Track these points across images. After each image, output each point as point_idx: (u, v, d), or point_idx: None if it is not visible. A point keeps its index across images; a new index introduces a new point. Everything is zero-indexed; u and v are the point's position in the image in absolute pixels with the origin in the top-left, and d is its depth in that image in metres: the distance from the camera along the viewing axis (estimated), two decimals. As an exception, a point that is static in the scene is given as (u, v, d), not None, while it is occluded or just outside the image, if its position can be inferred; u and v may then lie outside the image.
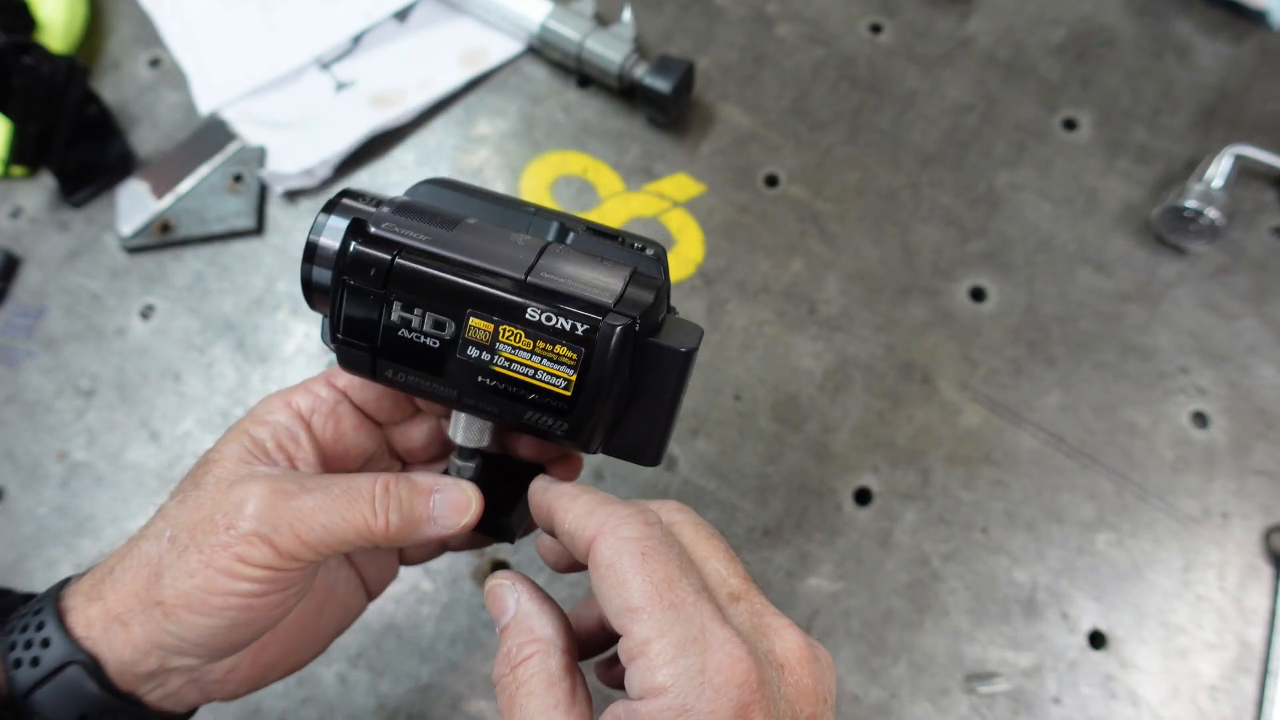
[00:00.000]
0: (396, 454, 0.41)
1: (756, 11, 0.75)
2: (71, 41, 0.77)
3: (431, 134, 0.72)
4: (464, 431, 0.36)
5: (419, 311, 0.32)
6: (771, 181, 0.69)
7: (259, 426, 0.35)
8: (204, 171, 0.71)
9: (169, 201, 0.70)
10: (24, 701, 0.30)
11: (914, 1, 0.75)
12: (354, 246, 0.32)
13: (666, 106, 0.67)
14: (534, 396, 0.32)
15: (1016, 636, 0.56)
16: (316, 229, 0.33)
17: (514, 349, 0.32)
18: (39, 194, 0.73)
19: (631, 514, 0.30)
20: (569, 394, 0.32)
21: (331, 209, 0.34)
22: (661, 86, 0.65)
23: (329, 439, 0.36)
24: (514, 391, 0.32)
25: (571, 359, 0.31)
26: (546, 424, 0.33)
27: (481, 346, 0.32)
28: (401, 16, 0.75)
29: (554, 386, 0.32)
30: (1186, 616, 0.56)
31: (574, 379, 0.31)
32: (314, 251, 0.33)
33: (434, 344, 0.32)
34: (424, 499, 0.33)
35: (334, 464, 0.36)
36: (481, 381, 0.32)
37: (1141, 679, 0.55)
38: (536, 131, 0.71)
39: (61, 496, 0.62)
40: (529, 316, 0.31)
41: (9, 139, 0.68)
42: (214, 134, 0.72)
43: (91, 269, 0.70)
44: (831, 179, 0.69)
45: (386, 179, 0.71)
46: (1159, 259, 0.66)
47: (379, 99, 0.72)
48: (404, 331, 0.32)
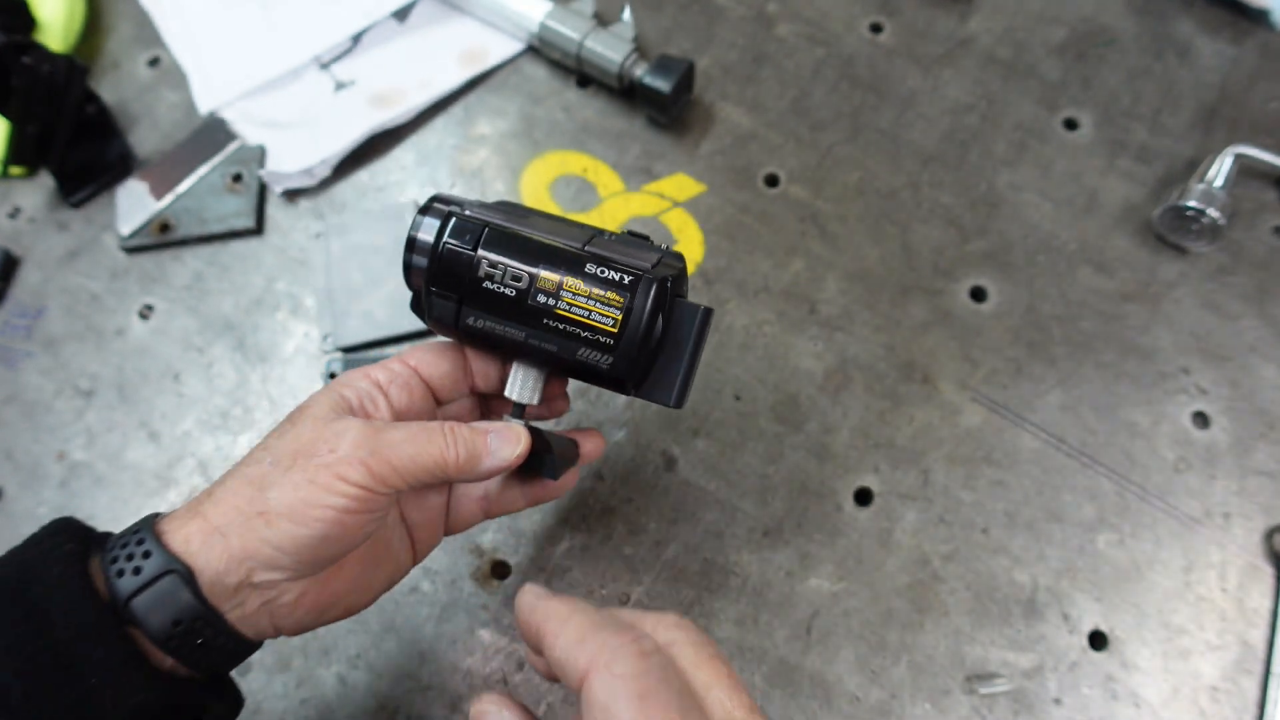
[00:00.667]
0: None
1: (757, 11, 0.75)
2: (71, 41, 0.77)
3: (431, 134, 0.72)
4: (519, 388, 0.44)
5: (501, 267, 0.41)
6: (771, 181, 0.69)
7: (346, 389, 0.40)
8: (203, 171, 0.71)
9: (168, 201, 0.70)
10: (125, 607, 0.34)
11: (914, 1, 0.75)
12: (455, 219, 0.41)
13: (666, 106, 0.67)
14: (587, 335, 0.40)
15: (1017, 637, 0.56)
16: (415, 226, 0.42)
17: (574, 295, 0.40)
18: (38, 194, 0.73)
19: (626, 644, 0.31)
20: (615, 331, 0.40)
21: (426, 211, 0.43)
22: (661, 86, 0.65)
23: (401, 406, 0.42)
24: (572, 331, 0.41)
25: (619, 302, 0.40)
26: (595, 359, 0.41)
27: (549, 294, 0.40)
28: (401, 16, 0.75)
29: (604, 325, 0.40)
30: (1188, 617, 0.56)
31: (620, 319, 0.40)
32: (413, 244, 0.42)
33: (511, 293, 0.41)
34: (482, 437, 0.40)
35: (396, 420, 0.42)
36: (546, 322, 0.41)
37: (1142, 680, 0.55)
38: (536, 131, 0.71)
39: (61, 497, 0.62)
40: (587, 270, 0.40)
41: (8, 139, 0.68)
42: (213, 134, 0.72)
43: (91, 269, 0.70)
44: (832, 179, 0.69)
45: (386, 179, 0.71)
46: (1160, 259, 0.66)
47: (378, 99, 0.72)
48: (488, 283, 0.41)
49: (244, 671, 0.56)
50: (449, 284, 0.41)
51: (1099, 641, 0.56)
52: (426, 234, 0.42)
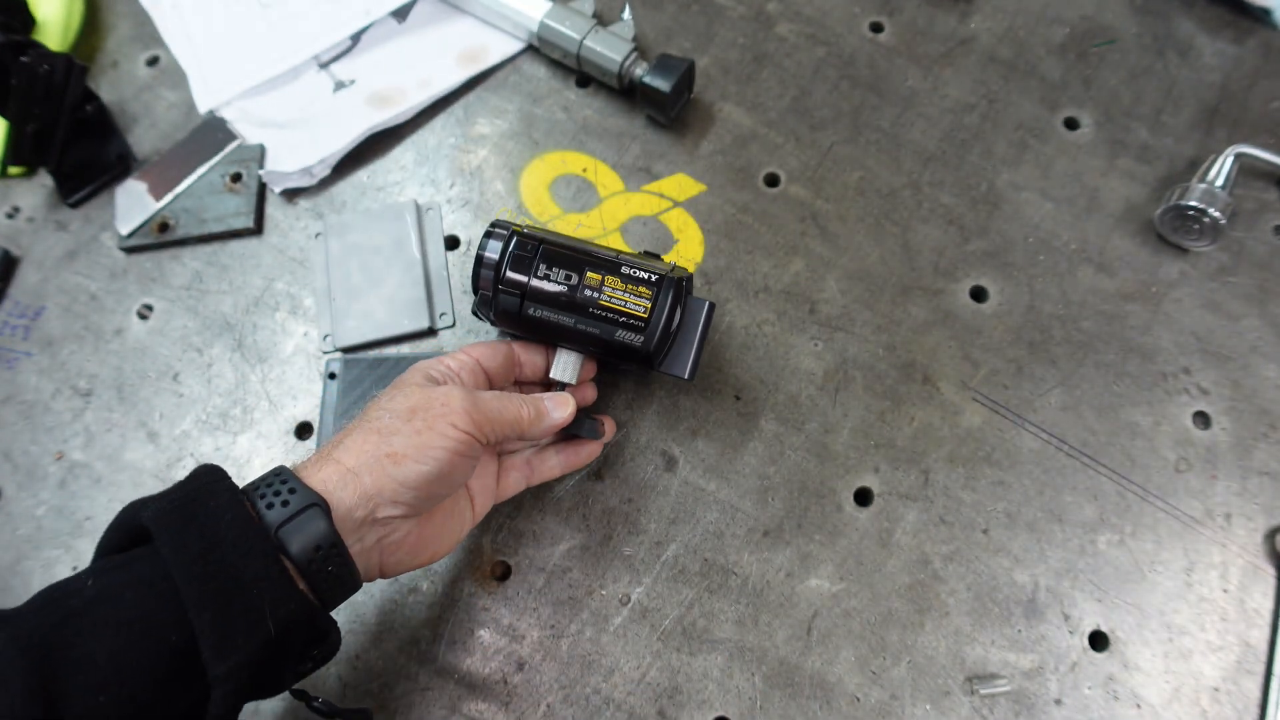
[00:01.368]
0: None
1: (757, 10, 0.75)
2: (69, 40, 0.77)
3: (431, 133, 0.72)
4: (563, 370, 0.55)
5: (556, 270, 0.53)
6: (772, 181, 0.69)
7: (431, 370, 0.50)
8: (202, 171, 0.71)
9: (167, 201, 0.70)
10: (275, 534, 0.40)
11: (915, 0, 0.75)
12: (516, 238, 0.53)
13: (666, 106, 0.66)
14: (624, 319, 0.52)
15: (1018, 638, 0.56)
16: (482, 246, 0.53)
17: (613, 289, 0.52)
18: (37, 193, 0.73)
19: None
20: (645, 316, 0.52)
21: (489, 235, 0.53)
22: (661, 85, 0.65)
23: (467, 383, 0.51)
24: (611, 316, 0.52)
25: (648, 294, 0.52)
26: (629, 338, 0.53)
27: (593, 289, 0.52)
28: (400, 15, 0.75)
29: (636, 312, 0.52)
30: (1189, 618, 0.56)
31: (650, 307, 0.52)
32: (481, 260, 0.53)
33: (564, 288, 0.52)
34: (542, 402, 0.52)
35: None
36: (592, 311, 0.52)
37: (1143, 680, 0.55)
38: (536, 131, 0.71)
39: (59, 497, 0.62)
40: (624, 271, 0.53)
41: (6, 138, 0.68)
42: (212, 133, 0.72)
43: (89, 269, 0.70)
44: (832, 178, 0.68)
45: (386, 178, 0.71)
46: (1161, 258, 0.66)
47: (378, 98, 0.72)
48: (546, 282, 0.53)
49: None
50: (512, 285, 0.53)
51: (1100, 642, 0.56)
52: (492, 254, 0.53)
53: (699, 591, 0.57)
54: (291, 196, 0.70)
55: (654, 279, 0.52)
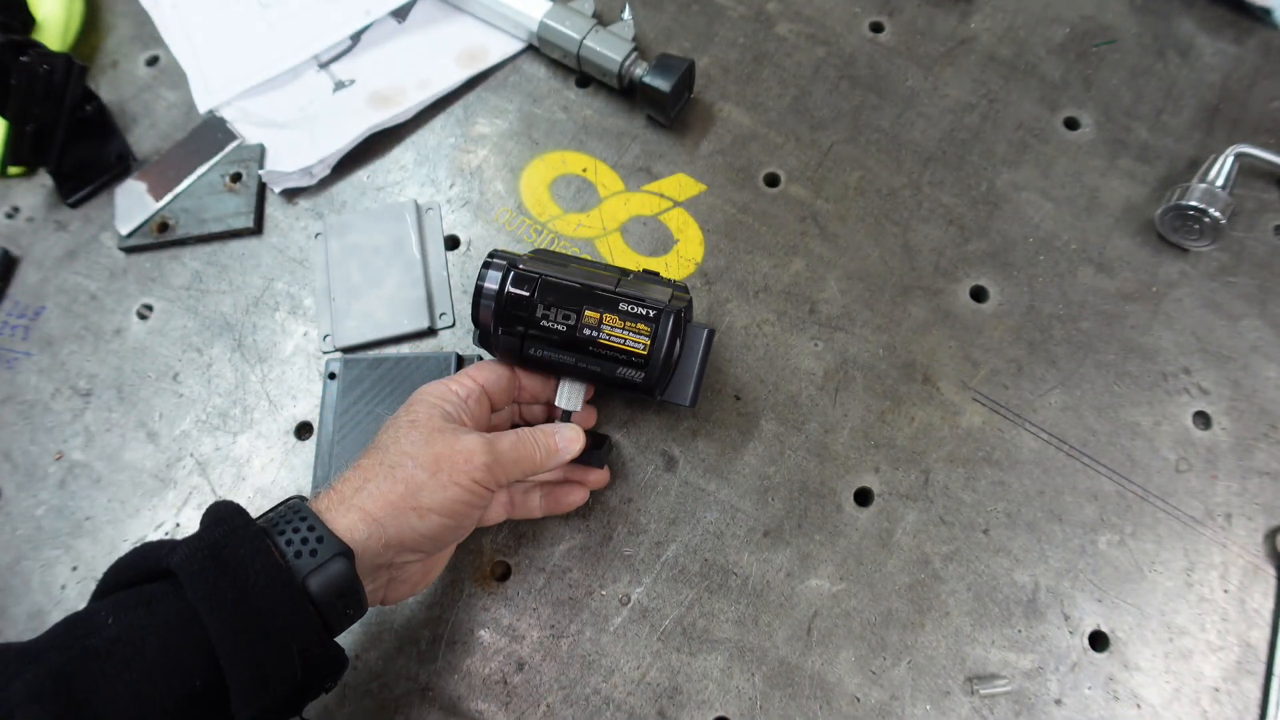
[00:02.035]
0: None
1: (757, 10, 0.75)
2: (69, 40, 0.77)
3: (431, 133, 0.72)
4: (567, 399, 0.55)
5: (554, 309, 0.52)
6: (772, 181, 0.69)
7: (445, 404, 0.50)
8: (202, 171, 0.71)
9: (167, 201, 0.70)
10: (303, 581, 0.41)
11: (915, 0, 0.75)
12: (514, 274, 0.53)
13: (666, 105, 0.66)
14: (623, 356, 0.52)
15: (1018, 638, 0.56)
16: (481, 277, 0.53)
17: (612, 328, 0.52)
18: (36, 193, 0.73)
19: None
20: (644, 353, 0.52)
21: (488, 266, 0.53)
22: (661, 85, 0.65)
23: (478, 415, 0.52)
24: (611, 354, 0.52)
25: (646, 331, 0.52)
26: (630, 375, 0.52)
27: (592, 327, 0.52)
28: (400, 15, 0.75)
29: (636, 349, 0.52)
30: (1189, 618, 0.56)
31: (648, 344, 0.52)
32: (480, 291, 0.53)
33: (563, 328, 0.52)
34: (553, 438, 0.52)
35: (475, 427, 0.52)
36: (591, 350, 0.52)
37: (1144, 680, 0.55)
38: (536, 131, 0.71)
39: (59, 497, 0.62)
40: (621, 308, 0.52)
41: (6, 138, 0.68)
42: (212, 133, 0.72)
43: (89, 269, 0.70)
44: (832, 178, 0.68)
45: (386, 178, 0.70)
46: (1161, 258, 0.66)
47: (378, 98, 0.72)
48: (545, 321, 0.52)
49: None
50: (513, 323, 0.52)
51: (1100, 642, 0.56)
52: (491, 284, 0.53)
53: (699, 591, 0.57)
54: (291, 196, 0.70)
55: (651, 314, 0.52)
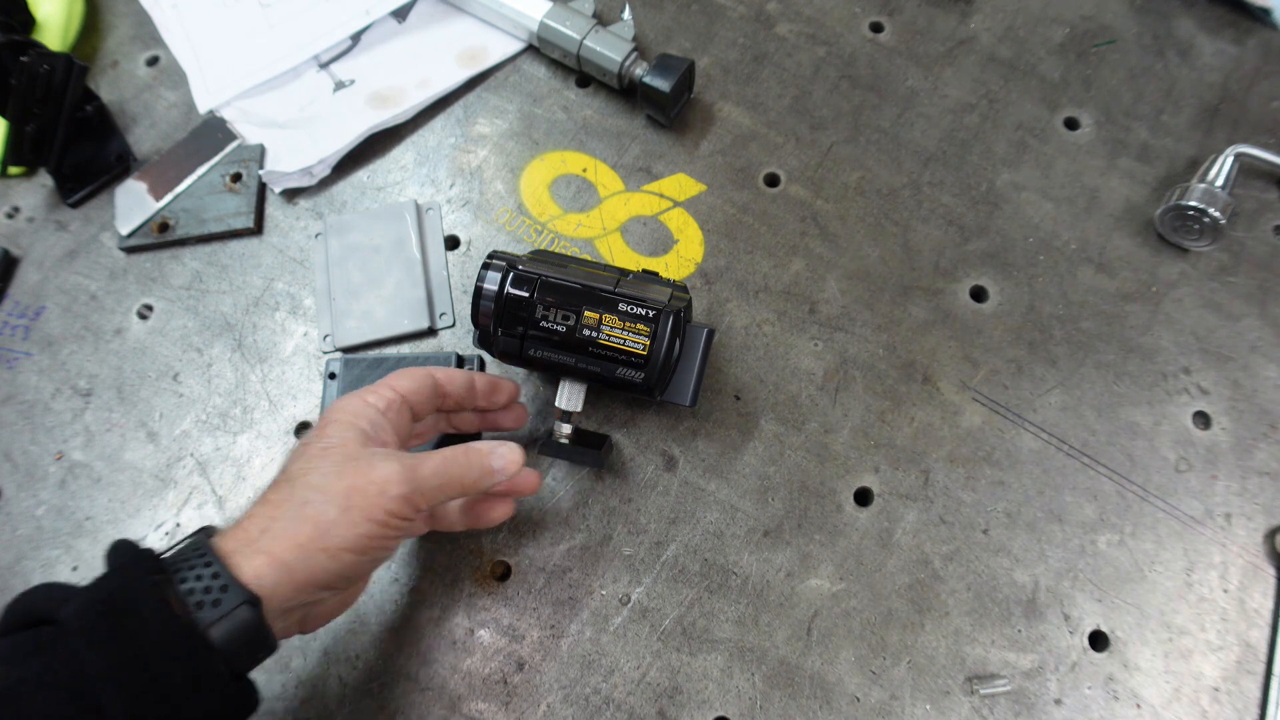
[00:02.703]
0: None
1: (757, 10, 0.75)
2: (69, 40, 0.77)
3: (431, 133, 0.72)
4: (567, 400, 0.55)
5: (554, 310, 0.52)
6: (772, 181, 0.69)
7: (361, 421, 0.46)
8: (202, 171, 0.71)
9: (167, 201, 0.70)
10: (205, 632, 0.38)
11: (915, 0, 0.75)
12: (513, 275, 0.52)
13: (666, 106, 0.66)
14: (623, 357, 0.52)
15: (1018, 638, 0.56)
16: (480, 278, 0.53)
17: (611, 329, 0.52)
18: (36, 193, 0.73)
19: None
20: (644, 354, 0.52)
21: (487, 267, 0.53)
22: (661, 86, 0.65)
23: (399, 428, 0.49)
24: (611, 354, 0.52)
25: (646, 331, 0.52)
26: (630, 375, 0.52)
27: (592, 328, 0.52)
28: (400, 15, 0.75)
29: (635, 349, 0.52)
30: (1189, 618, 0.56)
31: (648, 344, 0.52)
32: (480, 292, 0.53)
33: (562, 329, 0.52)
34: (487, 457, 0.48)
35: (398, 441, 0.49)
36: (591, 350, 0.52)
37: (1143, 680, 0.55)
38: (536, 131, 0.71)
39: (59, 497, 0.62)
40: (620, 308, 0.52)
41: (6, 138, 0.68)
42: (212, 133, 0.72)
43: (89, 269, 0.70)
44: (832, 178, 0.68)
45: (386, 178, 0.70)
46: (1161, 258, 0.66)
47: (378, 98, 0.72)
48: (544, 322, 0.52)
49: (243, 672, 0.56)
50: (513, 324, 0.52)
51: (1100, 642, 0.56)
52: (491, 285, 0.53)
53: (699, 591, 0.57)
54: (291, 196, 0.70)
55: (651, 314, 0.52)
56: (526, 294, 0.52)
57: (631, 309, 0.52)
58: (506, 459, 0.49)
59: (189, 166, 0.71)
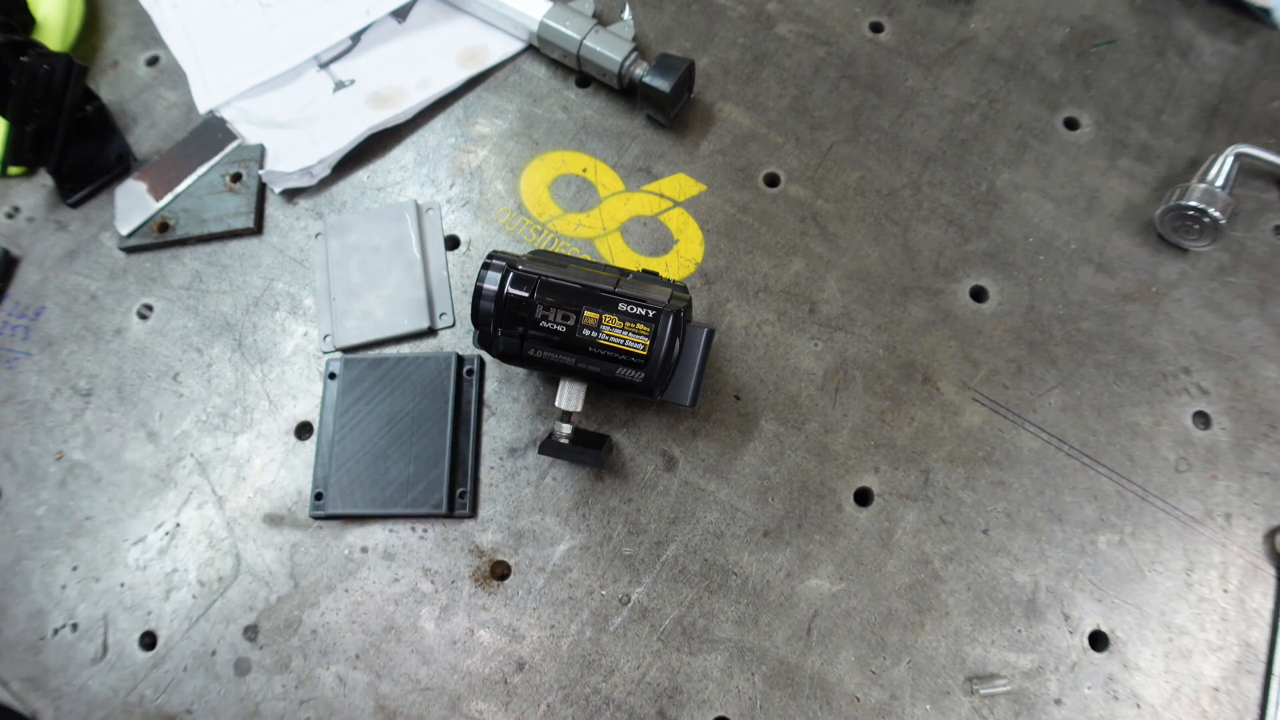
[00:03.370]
0: None
1: (757, 10, 0.75)
2: (69, 40, 0.77)
3: (431, 133, 0.72)
4: (567, 400, 0.55)
5: (554, 310, 0.52)
6: (772, 181, 0.69)
7: None
8: (202, 171, 0.71)
9: (167, 201, 0.70)
10: None
11: (915, 0, 0.75)
12: (513, 275, 0.53)
13: (666, 105, 0.66)
14: (623, 357, 0.52)
15: (1018, 638, 0.56)
16: (480, 278, 0.53)
17: (611, 329, 0.52)
18: (36, 193, 0.73)
19: None
20: (644, 353, 0.52)
21: (487, 267, 0.53)
22: (662, 86, 0.65)
23: None
24: (611, 354, 0.52)
25: (646, 331, 0.52)
26: (629, 375, 0.53)
27: (591, 328, 0.52)
28: (400, 15, 0.75)
29: (635, 349, 0.52)
30: (1189, 618, 0.56)
31: (648, 344, 0.52)
32: (480, 292, 0.53)
33: (562, 329, 0.52)
34: None
35: None
36: (591, 350, 0.53)
37: (1143, 680, 0.55)
38: (536, 131, 0.71)
39: (59, 497, 0.62)
40: (620, 308, 0.52)
41: (6, 138, 0.68)
42: (212, 133, 0.72)
43: (89, 269, 0.70)
44: (832, 178, 0.68)
45: (386, 178, 0.70)
46: (1161, 258, 0.66)
47: (378, 98, 0.72)
48: (544, 322, 0.53)
49: (244, 671, 0.56)
50: (513, 324, 0.53)
51: (1100, 642, 0.56)
52: (491, 285, 0.53)
53: (699, 591, 0.57)
54: (291, 196, 0.70)
55: (651, 314, 0.52)
56: (526, 294, 0.52)
57: (631, 309, 0.52)
58: None
59: (189, 166, 0.71)
